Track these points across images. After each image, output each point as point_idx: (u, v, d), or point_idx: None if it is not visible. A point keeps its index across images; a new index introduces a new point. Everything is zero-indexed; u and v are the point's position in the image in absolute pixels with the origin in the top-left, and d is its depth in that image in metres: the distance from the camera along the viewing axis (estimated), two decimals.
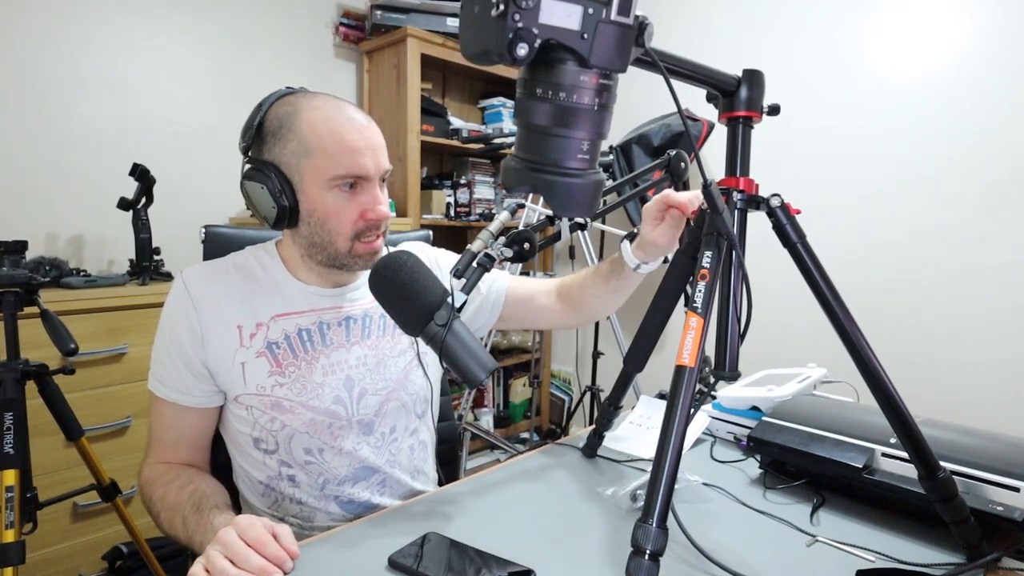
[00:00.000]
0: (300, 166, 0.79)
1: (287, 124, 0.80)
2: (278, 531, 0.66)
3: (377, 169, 0.82)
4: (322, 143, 0.78)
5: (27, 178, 1.81)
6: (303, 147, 0.79)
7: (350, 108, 0.83)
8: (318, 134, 0.79)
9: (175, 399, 0.84)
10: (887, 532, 0.77)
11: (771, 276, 1.65)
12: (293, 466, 0.87)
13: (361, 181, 0.81)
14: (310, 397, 0.85)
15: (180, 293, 0.84)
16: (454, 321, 0.66)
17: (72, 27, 1.86)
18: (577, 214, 0.56)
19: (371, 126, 0.83)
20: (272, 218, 0.81)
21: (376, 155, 0.82)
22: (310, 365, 0.86)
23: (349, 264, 0.85)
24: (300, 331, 0.86)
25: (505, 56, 0.45)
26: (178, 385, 0.84)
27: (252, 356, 0.83)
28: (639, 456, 0.98)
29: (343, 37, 2.49)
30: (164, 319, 0.86)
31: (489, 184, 2.79)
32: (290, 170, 0.80)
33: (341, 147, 0.79)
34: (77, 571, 1.61)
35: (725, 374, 0.63)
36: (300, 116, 0.80)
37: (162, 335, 0.86)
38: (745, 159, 0.68)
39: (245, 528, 0.64)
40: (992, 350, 1.76)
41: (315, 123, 0.79)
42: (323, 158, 0.79)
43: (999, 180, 1.73)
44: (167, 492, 0.79)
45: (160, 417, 0.86)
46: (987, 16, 1.73)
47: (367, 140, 0.81)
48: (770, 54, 2.18)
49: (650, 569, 0.53)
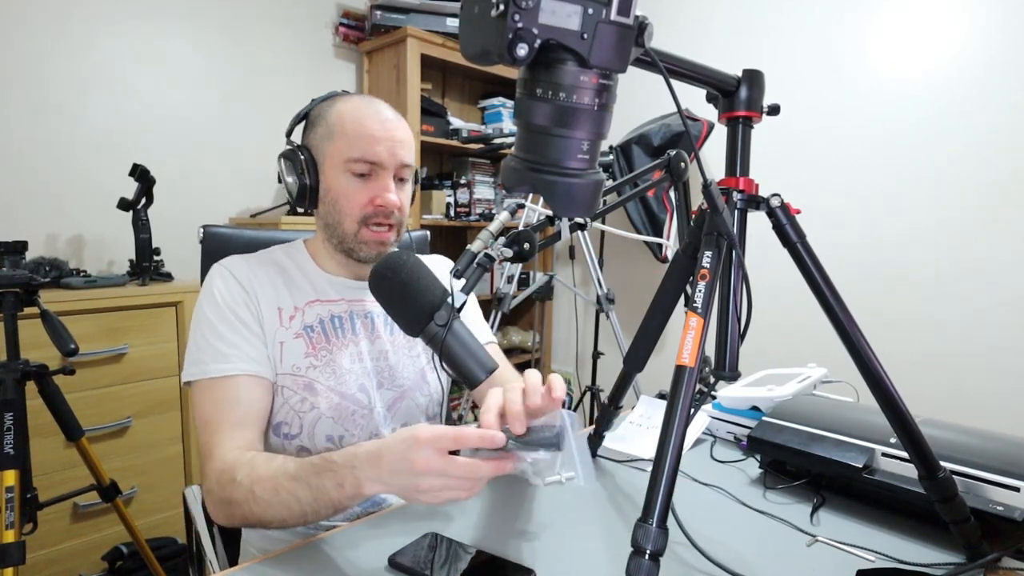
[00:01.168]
0: (323, 148, 0.86)
1: (322, 114, 0.88)
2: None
3: (392, 160, 0.85)
4: (344, 128, 0.85)
5: (27, 178, 1.81)
6: (328, 131, 0.86)
7: (382, 105, 0.89)
8: (343, 120, 0.85)
9: (245, 370, 0.81)
10: (887, 532, 0.77)
11: (771, 276, 1.65)
12: (312, 453, 0.87)
13: (376, 168, 0.85)
14: (339, 381, 0.87)
15: (227, 278, 0.86)
16: (454, 321, 0.66)
17: (73, 28, 1.86)
18: (577, 214, 0.56)
19: (397, 122, 0.88)
20: (295, 193, 0.87)
21: (394, 147, 0.85)
22: (340, 351, 0.89)
23: (356, 249, 0.88)
24: (332, 317, 0.90)
25: (505, 56, 0.45)
26: (250, 353, 0.82)
27: (291, 337, 0.86)
28: (639, 456, 0.98)
29: (343, 37, 2.49)
30: (213, 302, 0.84)
31: (489, 184, 2.79)
32: (316, 152, 0.87)
33: (360, 133, 0.84)
34: (77, 571, 1.61)
35: (725, 374, 0.63)
36: (334, 107, 0.87)
37: (215, 315, 0.83)
38: (745, 159, 0.68)
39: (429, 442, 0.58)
40: (993, 349, 1.76)
41: (343, 112, 0.86)
42: (343, 141, 0.85)
43: (999, 180, 1.73)
44: (254, 467, 0.70)
45: (218, 402, 0.80)
46: (987, 16, 1.73)
47: (387, 132, 0.85)
48: (770, 54, 2.18)
49: (650, 569, 0.53)
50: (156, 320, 1.71)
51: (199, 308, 0.86)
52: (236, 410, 0.80)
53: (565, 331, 3.02)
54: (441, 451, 0.58)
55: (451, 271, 0.66)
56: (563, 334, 3.04)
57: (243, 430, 0.79)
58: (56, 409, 1.28)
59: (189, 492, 1.00)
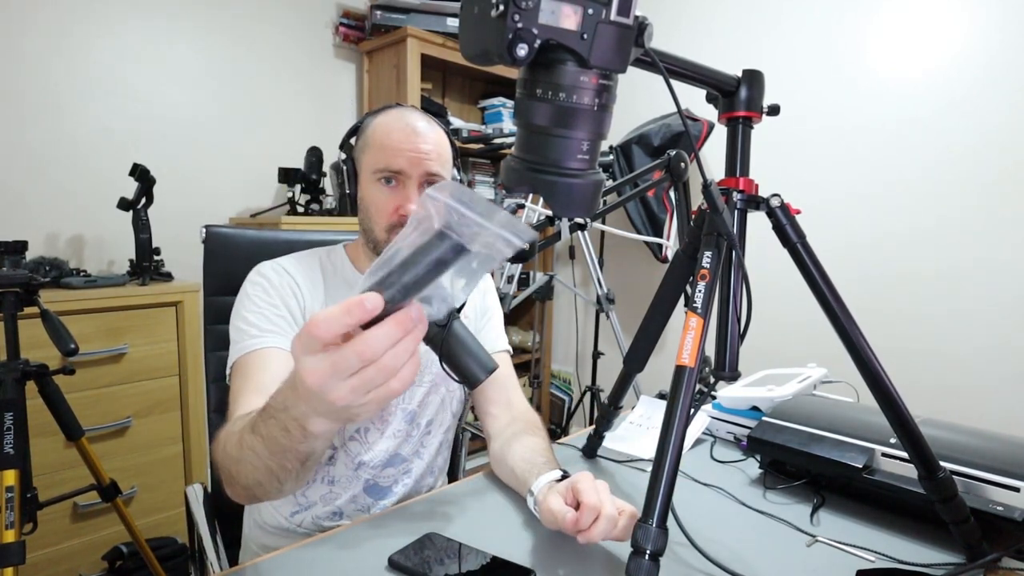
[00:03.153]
0: (361, 159, 0.91)
1: (365, 126, 0.93)
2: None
3: (415, 169, 0.87)
4: (376, 140, 0.89)
5: (27, 178, 1.81)
6: (365, 143, 0.91)
7: (414, 116, 0.91)
8: (376, 132, 0.90)
9: (279, 344, 0.84)
10: (887, 532, 0.77)
11: (771, 276, 1.65)
12: (336, 446, 0.91)
13: (400, 178, 0.88)
14: None
15: (279, 272, 0.91)
16: (454, 321, 0.66)
17: (73, 29, 1.86)
18: (577, 214, 0.56)
19: (427, 134, 0.89)
20: (337, 201, 0.94)
21: (418, 157, 0.87)
22: None
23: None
24: None
25: (505, 56, 0.45)
26: (288, 333, 0.85)
27: None
28: (639, 456, 0.98)
29: (343, 37, 2.49)
30: (263, 290, 0.88)
31: (489, 184, 2.79)
32: (357, 163, 0.92)
33: (386, 144, 0.88)
34: (77, 571, 1.61)
35: (725, 374, 0.63)
36: (375, 119, 0.92)
37: (262, 298, 0.88)
38: (745, 159, 0.68)
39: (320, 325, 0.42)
40: (993, 349, 1.76)
41: (379, 124, 0.90)
42: (372, 152, 0.89)
43: (999, 180, 1.73)
44: (232, 424, 0.67)
45: (247, 371, 0.80)
46: (987, 16, 1.73)
47: (412, 144, 0.87)
48: (770, 54, 2.18)
49: (650, 569, 0.53)
50: (156, 320, 1.71)
51: (244, 295, 0.89)
52: (260, 375, 0.79)
53: (565, 331, 3.02)
54: (323, 349, 0.42)
55: None
56: (563, 334, 3.04)
57: (260, 396, 0.67)
58: (56, 409, 1.28)
59: (191, 491, 1.00)
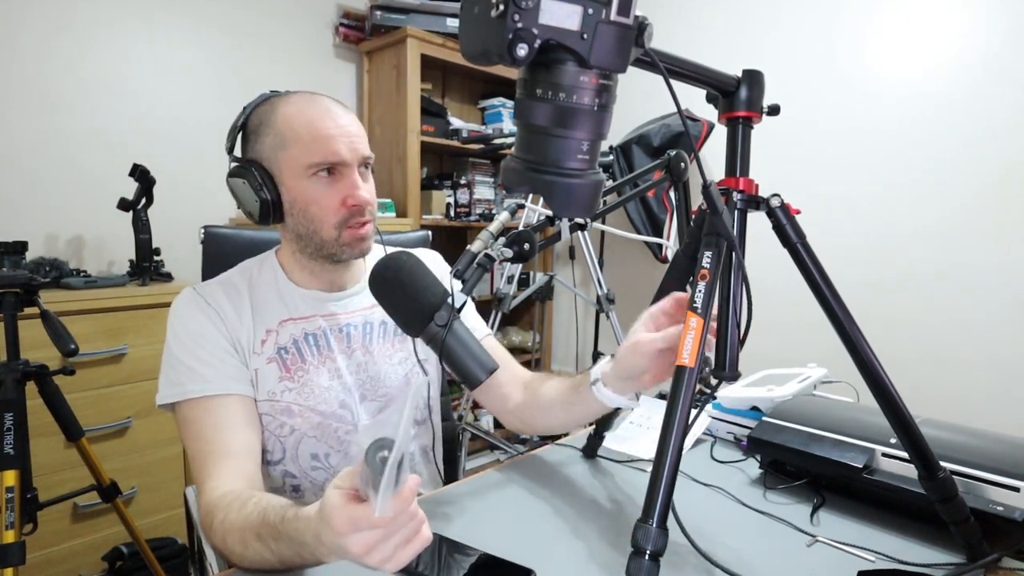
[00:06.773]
0: (278, 159, 0.81)
1: (265, 121, 0.82)
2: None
3: (354, 155, 0.82)
4: (296, 133, 0.80)
5: (27, 178, 1.81)
6: (279, 139, 0.81)
7: (325, 100, 0.84)
8: (292, 126, 0.81)
9: (227, 388, 0.79)
10: (887, 532, 0.77)
11: (771, 276, 1.65)
12: (298, 476, 0.86)
13: (339, 167, 0.81)
14: (318, 401, 0.85)
15: (200, 303, 0.83)
16: (454, 321, 0.66)
17: (74, 29, 1.86)
18: (577, 214, 0.56)
19: (347, 115, 0.84)
20: (257, 212, 0.82)
21: (352, 141, 0.82)
22: (317, 369, 0.86)
23: (339, 253, 0.85)
24: (307, 336, 0.87)
25: (505, 56, 0.45)
26: (229, 373, 0.80)
27: (263, 363, 0.83)
28: (639, 456, 0.98)
29: (343, 37, 2.49)
30: (185, 327, 0.82)
31: (489, 184, 2.79)
32: (270, 164, 0.82)
33: (314, 135, 0.80)
34: (77, 571, 1.61)
35: (725, 374, 0.63)
36: (276, 111, 0.82)
37: (189, 340, 0.81)
38: (745, 159, 0.68)
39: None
40: (993, 349, 1.76)
41: (289, 116, 0.81)
42: (298, 148, 0.80)
43: (999, 180, 1.73)
44: (228, 515, 0.67)
45: (202, 428, 0.78)
46: (987, 16, 1.73)
47: (341, 128, 0.81)
48: (770, 54, 2.18)
49: (650, 569, 0.53)
50: (156, 320, 1.71)
51: (171, 331, 0.82)
52: (221, 436, 0.77)
53: (565, 331, 3.02)
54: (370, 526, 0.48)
55: (451, 272, 0.66)
56: (563, 334, 3.04)
57: (230, 461, 0.76)
58: (56, 409, 1.28)
59: (190, 491, 1.00)
